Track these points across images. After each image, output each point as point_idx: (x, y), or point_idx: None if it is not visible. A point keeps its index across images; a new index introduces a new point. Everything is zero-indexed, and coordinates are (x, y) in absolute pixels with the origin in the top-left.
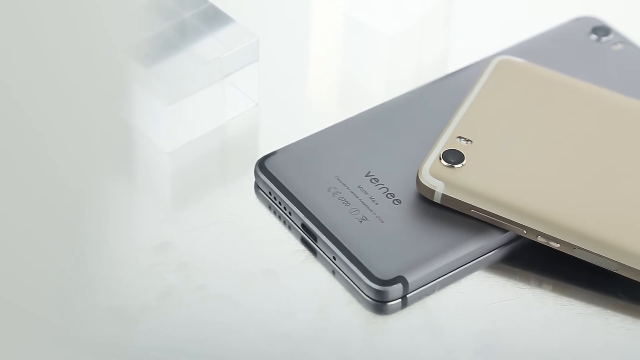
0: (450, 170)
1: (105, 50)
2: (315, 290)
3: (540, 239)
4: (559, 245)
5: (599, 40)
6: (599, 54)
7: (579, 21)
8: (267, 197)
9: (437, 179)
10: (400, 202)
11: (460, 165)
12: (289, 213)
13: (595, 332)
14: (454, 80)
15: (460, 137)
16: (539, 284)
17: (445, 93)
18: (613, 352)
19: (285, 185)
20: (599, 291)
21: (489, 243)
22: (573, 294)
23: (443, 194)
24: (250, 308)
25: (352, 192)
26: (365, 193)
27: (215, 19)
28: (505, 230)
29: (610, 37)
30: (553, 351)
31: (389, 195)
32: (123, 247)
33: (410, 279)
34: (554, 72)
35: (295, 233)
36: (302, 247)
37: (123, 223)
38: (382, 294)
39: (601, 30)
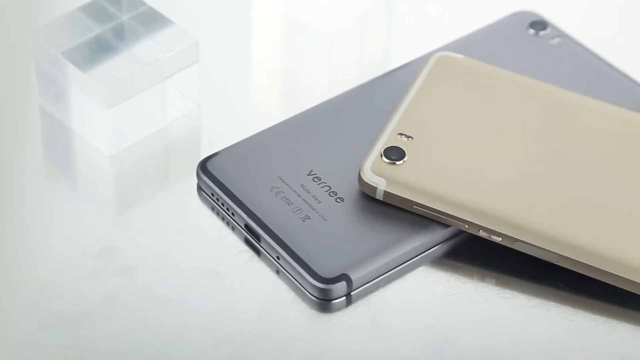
0: (392, 167)
1: (42, 50)
2: (260, 290)
3: (482, 233)
4: (500, 238)
5: (536, 34)
6: (537, 48)
7: (516, 16)
8: (209, 199)
9: (378, 176)
10: (342, 200)
11: (401, 161)
12: (232, 214)
13: (538, 324)
14: (395, 78)
15: (401, 134)
16: (482, 278)
17: (386, 90)
18: (556, 344)
19: (227, 186)
20: (541, 283)
21: (431, 238)
22: (515, 287)
23: (385, 191)
24: (194, 310)
25: (295, 192)
26: (308, 192)
27: (154, 21)
28: (447, 226)
29: (548, 31)
30: (497, 344)
31: (331, 194)
32: (66, 253)
33: (354, 276)
34: (493, 67)
35: (239, 234)
36: (245, 248)
37: (66, 228)
38: (326, 292)
39: (539, 24)
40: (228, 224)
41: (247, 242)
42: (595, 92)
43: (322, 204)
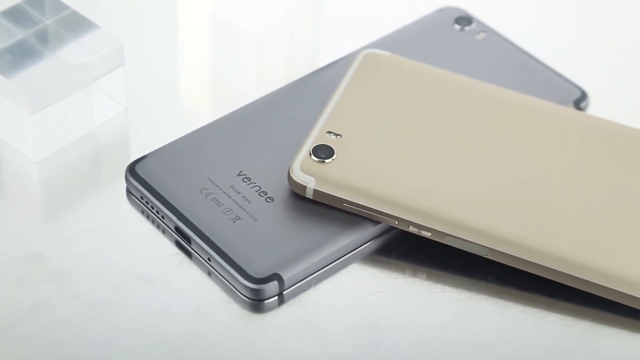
0: (321, 165)
1: None
2: (192, 292)
3: (411, 229)
4: (430, 234)
5: (462, 29)
6: (463, 43)
7: (442, 12)
8: (139, 202)
9: (308, 175)
10: (272, 200)
11: (330, 160)
12: (162, 217)
13: (469, 317)
14: (323, 76)
15: (329, 132)
16: (414, 274)
17: (314, 88)
18: (487, 336)
19: (156, 189)
20: (471, 277)
21: (362, 236)
22: (446, 281)
23: (315, 190)
24: (126, 314)
25: (225, 193)
26: (238, 192)
27: (78, 24)
28: (378, 222)
29: (473, 26)
30: (429, 338)
31: (261, 194)
32: None
33: (285, 275)
34: (419, 63)
35: (170, 236)
36: (176, 250)
37: None
38: (258, 293)
39: (464, 20)
40: (158, 227)
41: (177, 244)
42: (520, 85)
43: (252, 204)
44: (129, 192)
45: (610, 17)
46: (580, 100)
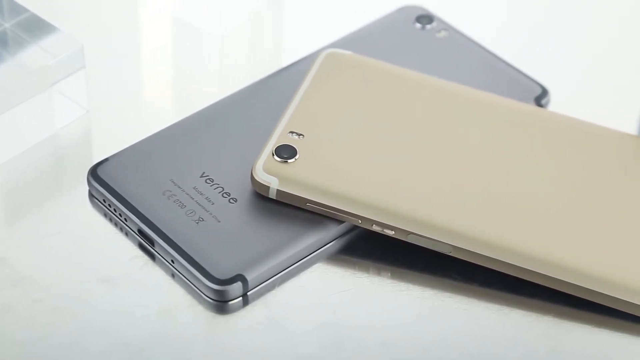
0: (284, 165)
1: None
2: (155, 295)
3: (375, 228)
4: (393, 232)
5: (423, 28)
6: (424, 42)
7: (403, 11)
8: (101, 205)
9: (271, 175)
10: (236, 201)
11: (293, 160)
12: (125, 219)
13: (434, 314)
14: (284, 76)
15: (292, 132)
16: (378, 272)
17: (276, 89)
18: (451, 333)
19: (119, 191)
20: (435, 274)
21: (326, 235)
22: (411, 279)
23: (278, 190)
24: (89, 318)
25: (188, 194)
26: (201, 194)
27: (38, 27)
28: (341, 222)
29: (434, 24)
30: (394, 337)
31: (224, 195)
32: None
33: (249, 276)
34: (381, 62)
35: (133, 239)
36: (140, 253)
37: None
38: (222, 294)
39: (425, 18)
40: (121, 229)
41: (141, 247)
42: (482, 83)
43: (216, 206)
44: (91, 195)
45: (570, 14)
46: (541, 97)
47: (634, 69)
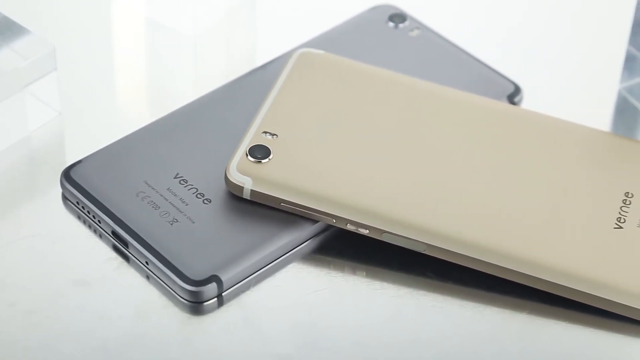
0: (257, 165)
1: None
2: (130, 297)
3: (349, 227)
4: (367, 231)
5: (396, 27)
6: (397, 41)
7: (376, 10)
8: (75, 207)
9: (244, 175)
10: (210, 202)
11: (266, 160)
12: (99, 221)
13: (409, 312)
14: (258, 76)
15: (265, 132)
16: (353, 271)
17: (249, 89)
18: (426, 332)
19: (92, 193)
20: (410, 273)
21: (301, 235)
22: (385, 278)
23: (252, 190)
24: (64, 321)
25: (162, 195)
26: (175, 195)
27: (9, 29)
28: (316, 221)
29: (407, 23)
30: (369, 336)
31: (198, 195)
32: None
33: (224, 277)
34: (354, 61)
35: (107, 241)
36: (114, 255)
37: None
38: (197, 295)
39: (398, 17)
40: (95, 231)
41: (115, 249)
42: (455, 81)
43: (190, 207)
44: (64, 198)
45: (541, 11)
46: (514, 95)
47: (605, 65)
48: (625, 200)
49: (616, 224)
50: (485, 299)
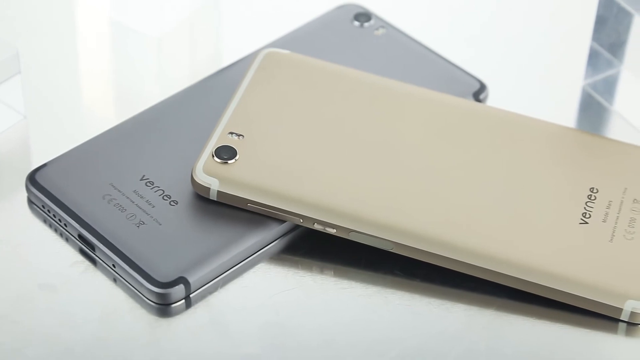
0: (224, 166)
1: None
2: (97, 300)
3: (317, 226)
4: (335, 230)
5: (361, 26)
6: (363, 40)
7: (341, 9)
8: (41, 211)
9: (211, 177)
10: (177, 203)
11: (233, 160)
12: (65, 225)
13: (377, 311)
14: (224, 77)
15: (231, 133)
16: (321, 271)
17: (215, 90)
18: (394, 330)
19: (58, 197)
20: (378, 271)
21: (268, 235)
22: (353, 277)
23: (218, 191)
24: (29, 326)
25: (128, 198)
26: (141, 197)
27: None
28: (283, 221)
29: (372, 22)
30: (337, 335)
31: (165, 197)
32: None
33: (191, 278)
34: (319, 61)
35: (73, 244)
36: (81, 258)
37: None
38: (164, 297)
39: (363, 16)
40: (61, 235)
41: (82, 252)
42: (421, 79)
43: (156, 208)
44: (30, 201)
45: (506, 8)
46: (479, 92)
47: (569, 61)
48: (591, 195)
49: (582, 219)
50: (452, 296)
